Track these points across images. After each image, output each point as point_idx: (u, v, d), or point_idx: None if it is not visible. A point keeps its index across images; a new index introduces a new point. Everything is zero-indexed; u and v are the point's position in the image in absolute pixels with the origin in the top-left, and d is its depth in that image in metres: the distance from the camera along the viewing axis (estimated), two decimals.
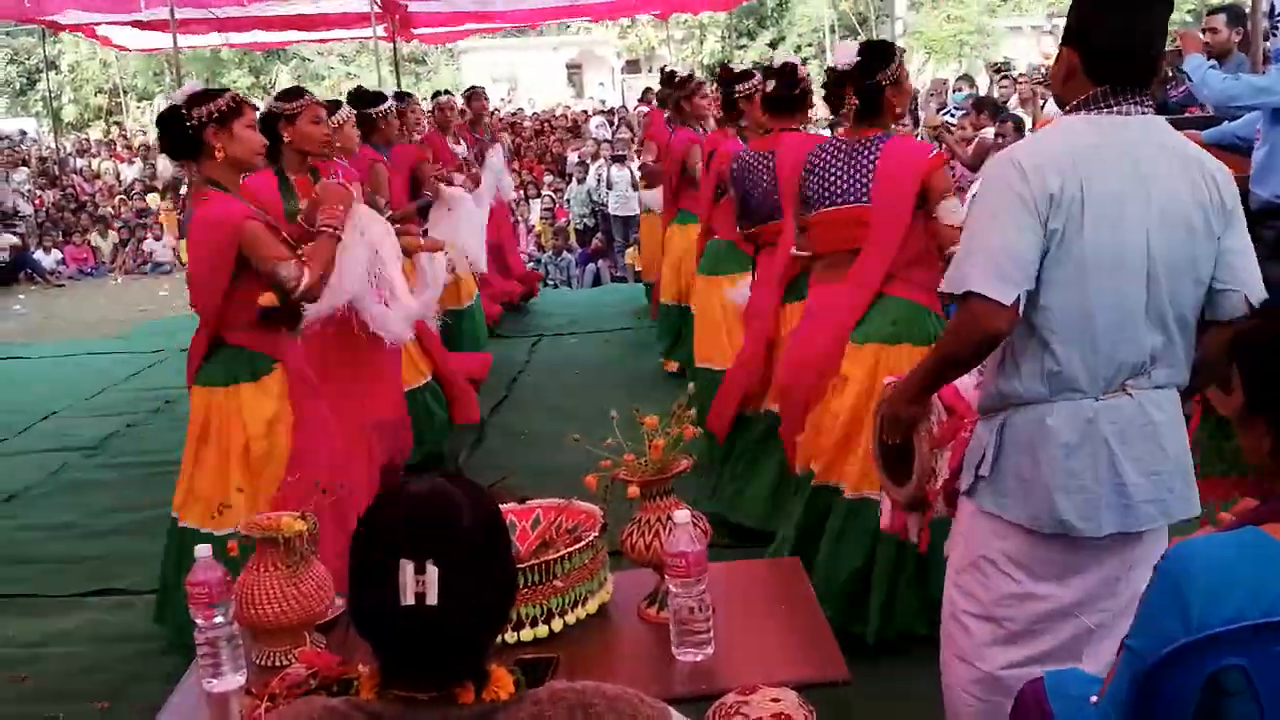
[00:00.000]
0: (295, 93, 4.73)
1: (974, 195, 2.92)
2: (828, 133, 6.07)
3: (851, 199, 3.70)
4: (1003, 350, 2.42)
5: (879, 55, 3.71)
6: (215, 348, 3.77)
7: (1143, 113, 2.37)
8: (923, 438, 2.65)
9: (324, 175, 4.67)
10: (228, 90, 3.73)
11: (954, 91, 12.66)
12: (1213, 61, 5.83)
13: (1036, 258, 2.29)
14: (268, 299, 3.58)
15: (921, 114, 11.47)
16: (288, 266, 3.53)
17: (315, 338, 4.20)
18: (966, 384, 2.65)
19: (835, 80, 3.78)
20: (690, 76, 7.63)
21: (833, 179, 3.76)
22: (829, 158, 3.80)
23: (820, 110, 6.13)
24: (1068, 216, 2.27)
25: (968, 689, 2.58)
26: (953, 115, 9.98)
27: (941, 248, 3.52)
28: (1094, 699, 1.93)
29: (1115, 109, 2.35)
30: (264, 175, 4.43)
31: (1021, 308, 2.30)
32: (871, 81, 3.67)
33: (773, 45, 32.48)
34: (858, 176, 3.70)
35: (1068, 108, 2.42)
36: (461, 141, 8.74)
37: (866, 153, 3.69)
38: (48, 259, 16.16)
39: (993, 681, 2.52)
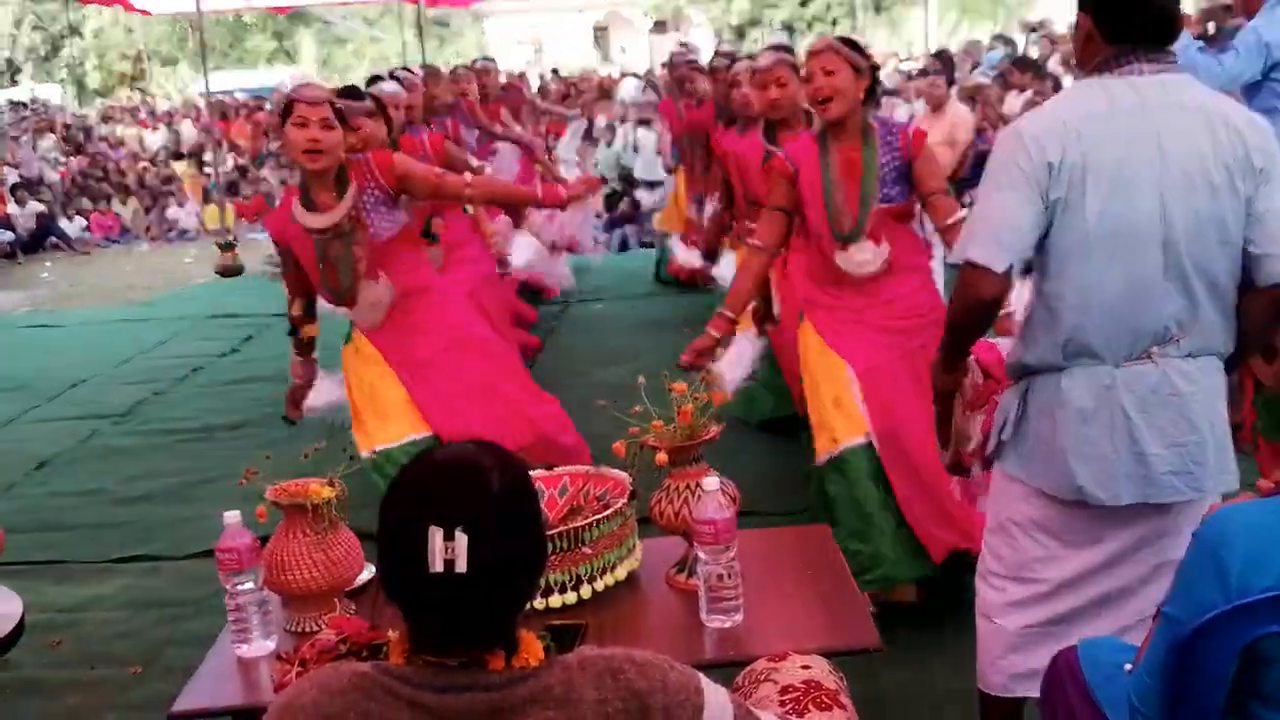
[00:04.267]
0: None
1: None
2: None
3: None
4: (1025, 320, 2.45)
5: None
6: None
7: (1160, 70, 2.32)
8: (957, 402, 2.67)
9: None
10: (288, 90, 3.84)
11: (989, 51, 12.52)
12: (1200, 41, 5.72)
13: (1034, 227, 2.30)
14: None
15: (956, 75, 11.33)
16: None
17: None
18: (1009, 348, 2.64)
19: None
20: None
21: None
22: None
23: None
24: (1069, 185, 2.26)
25: (991, 648, 2.60)
26: (986, 75, 9.87)
27: None
28: (1128, 666, 1.92)
29: (1128, 69, 2.32)
30: None
31: (1015, 275, 2.32)
32: None
33: (803, 4, 32.18)
34: None
35: (1085, 72, 2.40)
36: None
37: None
38: (73, 227, 16.23)
39: (1015, 640, 2.54)
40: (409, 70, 6.48)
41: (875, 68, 3.70)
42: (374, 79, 5.31)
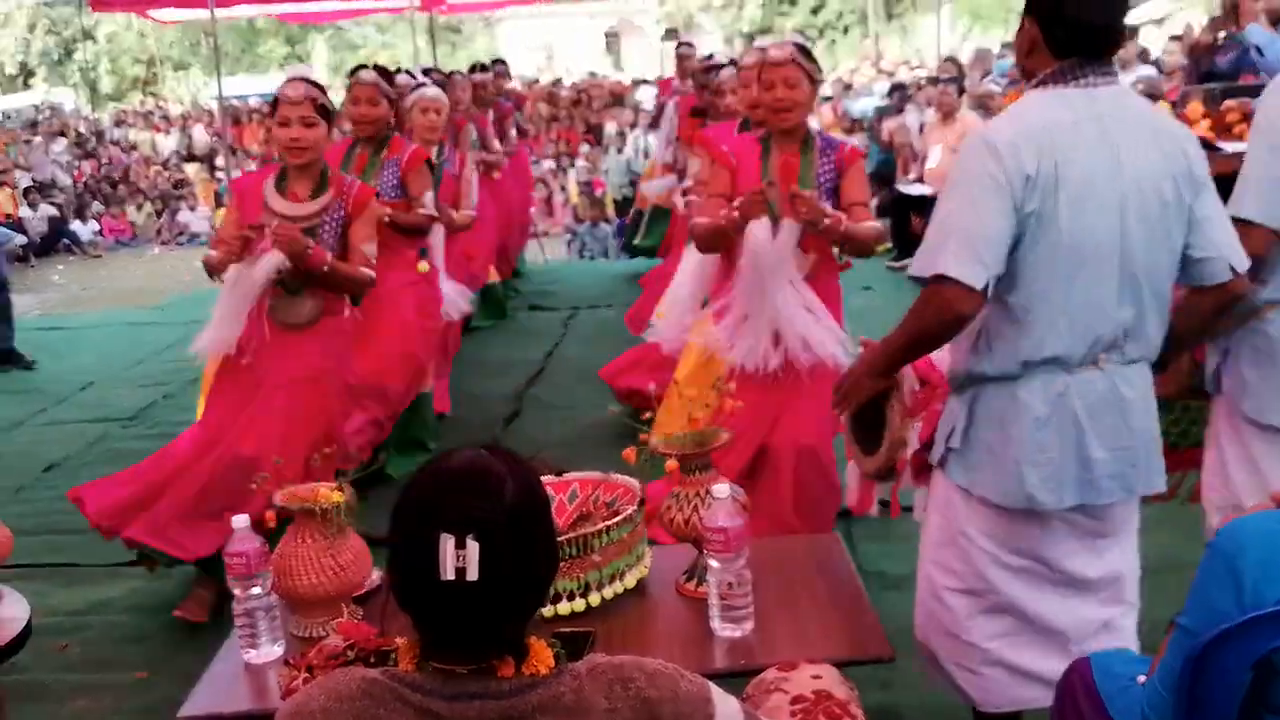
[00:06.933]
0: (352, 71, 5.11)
1: None
2: None
3: None
4: (975, 332, 2.41)
5: None
6: None
7: (1109, 83, 2.35)
8: (895, 408, 2.65)
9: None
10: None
11: (999, 59, 12.49)
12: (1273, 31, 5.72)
13: (1008, 241, 2.28)
14: None
15: (967, 83, 11.31)
16: None
17: None
18: (941, 356, 2.63)
19: None
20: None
21: None
22: None
23: None
24: (1043, 197, 2.26)
25: (961, 662, 2.60)
26: (997, 84, 9.86)
27: None
28: (1142, 678, 1.91)
29: (1083, 81, 2.33)
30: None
31: (990, 292, 2.29)
32: None
33: (814, 12, 32.17)
34: None
35: (1034, 82, 2.39)
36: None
37: None
38: (85, 230, 16.29)
39: (983, 653, 2.55)
40: (411, 74, 6.45)
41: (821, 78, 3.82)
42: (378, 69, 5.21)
